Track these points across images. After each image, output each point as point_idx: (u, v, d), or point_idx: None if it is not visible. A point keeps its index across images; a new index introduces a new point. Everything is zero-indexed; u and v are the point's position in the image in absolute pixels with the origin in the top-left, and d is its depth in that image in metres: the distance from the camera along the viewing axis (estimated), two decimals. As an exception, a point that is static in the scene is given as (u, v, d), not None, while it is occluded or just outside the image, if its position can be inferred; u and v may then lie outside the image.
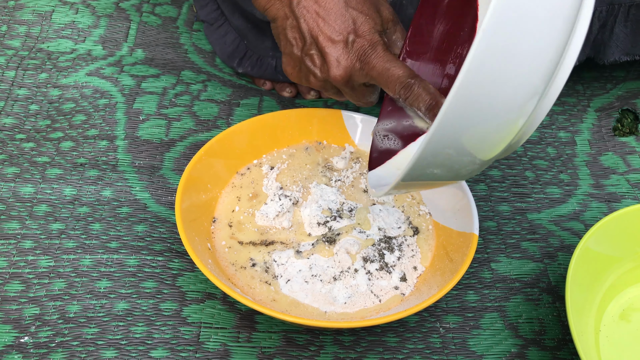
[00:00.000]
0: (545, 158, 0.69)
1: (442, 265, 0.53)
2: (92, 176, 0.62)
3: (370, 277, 0.53)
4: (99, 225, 0.58)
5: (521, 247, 0.60)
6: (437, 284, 0.50)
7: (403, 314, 0.47)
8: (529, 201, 0.65)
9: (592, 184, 0.67)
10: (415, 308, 0.47)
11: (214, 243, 0.54)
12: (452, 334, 0.54)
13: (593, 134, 0.72)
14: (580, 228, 0.62)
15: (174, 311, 0.52)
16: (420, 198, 0.60)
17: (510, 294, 0.57)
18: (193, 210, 0.54)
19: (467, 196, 0.56)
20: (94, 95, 0.70)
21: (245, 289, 0.52)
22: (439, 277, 0.52)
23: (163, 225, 0.58)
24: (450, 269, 0.51)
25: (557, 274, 0.58)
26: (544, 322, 0.55)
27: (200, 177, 0.56)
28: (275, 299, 0.51)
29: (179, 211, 0.51)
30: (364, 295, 0.52)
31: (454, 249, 0.53)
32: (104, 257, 0.55)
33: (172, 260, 0.56)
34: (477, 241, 0.52)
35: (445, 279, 0.50)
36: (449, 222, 0.56)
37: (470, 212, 0.54)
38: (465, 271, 0.50)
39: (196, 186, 0.55)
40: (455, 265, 0.51)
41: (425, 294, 0.51)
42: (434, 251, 0.56)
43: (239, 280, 0.52)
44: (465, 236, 0.53)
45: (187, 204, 0.53)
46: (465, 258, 0.50)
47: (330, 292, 0.52)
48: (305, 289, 0.52)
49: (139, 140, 0.66)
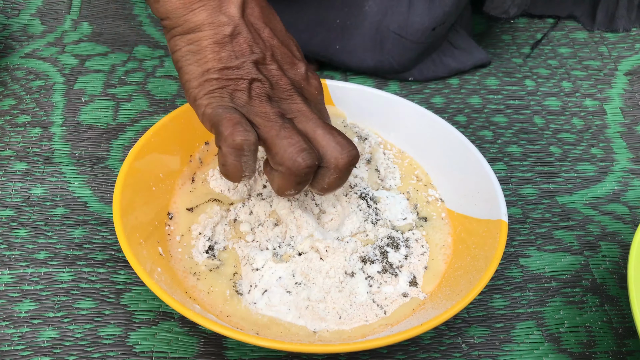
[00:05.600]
0: (572, 131, 0.58)
1: (462, 263, 0.42)
2: (19, 171, 0.49)
3: (371, 282, 0.41)
4: (24, 231, 0.45)
5: (554, 237, 0.49)
6: (459, 289, 0.39)
7: (415, 330, 0.35)
8: (558, 182, 0.53)
9: (631, 158, 0.55)
10: (431, 322, 0.36)
11: (167, 247, 0.42)
12: (479, 351, 0.42)
13: (625, 101, 0.61)
14: (624, 211, 0.51)
15: (117, 338, 0.40)
16: (428, 179, 0.48)
17: (546, 297, 0.45)
18: (138, 208, 0.42)
19: (488, 175, 0.44)
20: (27, 77, 0.58)
21: (209, 304, 0.40)
22: (460, 280, 0.40)
23: (107, 228, 0.46)
24: (474, 267, 0.40)
25: (602, 268, 0.47)
26: (592, 330, 0.43)
27: (149, 166, 0.44)
28: (249, 316, 0.39)
29: (117, 211, 0.39)
30: (364, 307, 0.40)
31: (476, 242, 0.42)
32: (27, 272, 0.43)
33: (117, 272, 0.44)
34: (507, 230, 0.40)
35: (468, 281, 0.39)
36: (467, 209, 0.45)
37: (494, 193, 0.43)
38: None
39: (143, 177, 0.43)
40: (479, 262, 0.40)
41: (442, 302, 0.39)
42: (450, 246, 0.44)
43: (201, 293, 0.40)
44: (491, 225, 0.41)
45: (130, 201, 0.41)
46: (494, 252, 0.39)
47: (320, 305, 0.40)
48: (287, 301, 0.40)
49: (80, 126, 0.54)
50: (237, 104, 0.37)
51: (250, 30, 0.38)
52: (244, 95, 0.37)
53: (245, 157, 0.36)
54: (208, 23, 0.37)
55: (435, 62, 0.60)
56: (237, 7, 0.38)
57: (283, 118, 0.37)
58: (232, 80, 0.37)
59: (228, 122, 0.35)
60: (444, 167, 0.48)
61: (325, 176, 0.38)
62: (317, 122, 0.38)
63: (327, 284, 0.41)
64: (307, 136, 0.38)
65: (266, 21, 0.39)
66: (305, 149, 0.36)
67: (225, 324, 0.37)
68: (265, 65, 0.38)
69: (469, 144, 0.47)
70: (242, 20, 0.38)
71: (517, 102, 0.60)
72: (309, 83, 0.40)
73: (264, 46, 0.39)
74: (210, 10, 0.38)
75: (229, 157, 0.36)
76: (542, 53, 0.65)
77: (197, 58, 0.38)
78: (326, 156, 0.37)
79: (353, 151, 0.38)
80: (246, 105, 0.37)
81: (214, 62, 0.37)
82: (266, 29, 0.39)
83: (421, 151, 0.49)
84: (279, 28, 0.40)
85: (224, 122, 0.36)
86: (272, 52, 0.39)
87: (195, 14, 0.38)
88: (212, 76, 0.37)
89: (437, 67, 0.60)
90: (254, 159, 0.37)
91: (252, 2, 0.39)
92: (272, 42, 0.39)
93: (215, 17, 0.38)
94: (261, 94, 0.37)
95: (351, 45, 0.58)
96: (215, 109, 0.36)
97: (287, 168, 0.36)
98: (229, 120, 0.36)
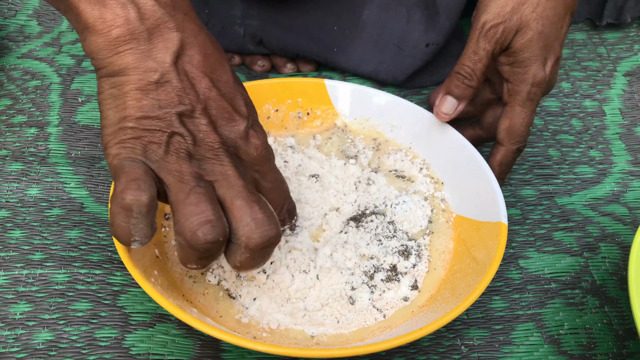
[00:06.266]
0: (570, 132, 0.58)
1: (462, 266, 0.41)
2: (15, 171, 0.49)
3: (374, 290, 0.41)
4: (19, 232, 0.45)
5: (553, 238, 0.49)
6: (458, 292, 0.39)
7: (414, 335, 0.35)
8: (557, 183, 0.53)
9: (630, 160, 0.55)
10: (430, 327, 0.35)
11: (164, 249, 0.42)
12: (478, 353, 0.42)
13: (624, 102, 0.60)
14: (623, 212, 0.51)
15: (114, 340, 0.40)
16: (438, 177, 0.48)
17: (546, 298, 0.45)
18: None
19: (488, 176, 0.44)
20: (24, 77, 0.57)
21: (205, 307, 0.39)
22: (460, 283, 0.40)
23: (103, 229, 0.46)
24: (474, 270, 0.40)
25: (601, 270, 0.47)
26: (592, 332, 0.43)
27: None
28: (245, 319, 0.39)
29: None
30: (364, 311, 0.40)
31: (476, 244, 0.42)
32: (23, 273, 0.43)
33: (113, 274, 0.43)
34: (506, 232, 0.40)
35: (467, 284, 0.38)
36: (466, 211, 0.44)
37: (494, 195, 0.42)
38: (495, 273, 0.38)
39: None
40: (479, 265, 0.40)
41: (442, 305, 0.39)
42: (451, 251, 0.44)
43: (197, 296, 0.40)
44: (490, 227, 0.41)
45: None
46: (493, 255, 0.39)
47: (317, 312, 0.40)
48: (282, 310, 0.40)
49: (77, 126, 0.53)
50: (149, 157, 0.33)
51: (182, 79, 0.34)
52: (159, 149, 0.33)
53: (134, 220, 0.32)
54: (133, 67, 0.34)
55: (431, 72, 0.59)
56: (169, 54, 0.34)
57: (199, 180, 0.33)
58: (149, 132, 0.33)
59: (124, 177, 0.32)
60: (445, 167, 0.48)
61: (236, 253, 0.34)
62: (239, 190, 0.34)
63: (325, 295, 0.40)
64: (224, 205, 0.34)
65: (207, 71, 0.35)
66: (211, 221, 0.32)
67: (223, 327, 0.37)
68: (193, 119, 0.34)
69: (469, 145, 0.46)
70: (173, 67, 0.34)
71: (516, 103, 0.59)
72: (248, 142, 0.36)
73: (196, 98, 0.34)
74: (138, 55, 0.34)
75: (117, 216, 0.32)
76: (540, 54, 0.65)
77: (117, 103, 0.34)
78: (237, 232, 0.33)
79: (270, 232, 0.33)
80: (160, 161, 0.33)
81: (133, 110, 0.33)
82: (204, 80, 0.35)
83: (428, 152, 0.49)
84: (224, 79, 0.36)
85: (122, 176, 0.32)
86: (206, 105, 0.35)
87: (120, 57, 0.34)
88: (128, 124, 0.33)
89: (432, 76, 0.59)
90: (145, 222, 0.32)
91: (193, 50, 0.35)
92: (209, 94, 0.35)
93: (142, 62, 0.34)
94: (180, 149, 0.33)
95: (349, 52, 0.58)
96: (122, 160, 0.33)
97: (185, 240, 0.32)
98: (126, 175, 0.32)
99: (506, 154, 0.46)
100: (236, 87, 0.37)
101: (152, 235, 0.33)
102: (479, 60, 0.44)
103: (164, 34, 0.34)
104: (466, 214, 0.44)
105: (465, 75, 0.44)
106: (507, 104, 0.46)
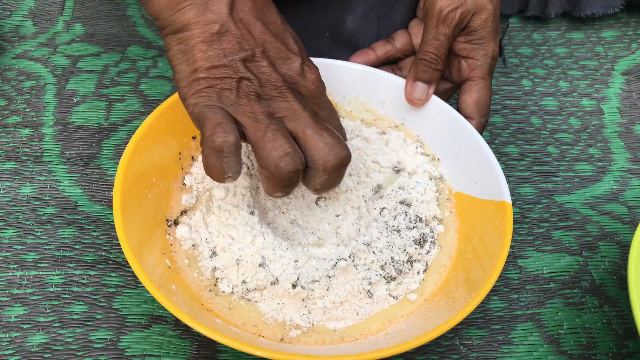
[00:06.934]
0: (569, 130, 0.57)
1: (471, 247, 0.41)
2: (8, 170, 0.48)
3: (390, 280, 0.41)
4: (12, 231, 0.45)
5: (553, 237, 0.48)
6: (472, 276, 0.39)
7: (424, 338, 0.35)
8: (556, 181, 0.53)
9: (629, 158, 0.55)
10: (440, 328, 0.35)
11: (173, 258, 0.41)
12: (477, 353, 0.41)
13: (622, 101, 0.60)
14: (622, 211, 0.50)
15: (109, 342, 0.39)
16: (433, 154, 0.47)
17: (545, 298, 0.44)
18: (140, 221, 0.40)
19: (485, 152, 0.43)
20: (18, 78, 0.57)
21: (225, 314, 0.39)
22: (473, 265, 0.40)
23: (97, 227, 0.46)
24: (485, 253, 0.39)
25: (600, 269, 0.46)
26: (591, 332, 0.43)
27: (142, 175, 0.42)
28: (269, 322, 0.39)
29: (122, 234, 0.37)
30: (382, 301, 0.40)
31: (481, 222, 0.41)
32: (17, 275, 0.42)
33: (109, 275, 0.43)
34: (512, 212, 0.40)
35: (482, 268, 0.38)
36: (467, 187, 0.44)
37: (494, 172, 0.42)
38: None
39: (140, 186, 0.41)
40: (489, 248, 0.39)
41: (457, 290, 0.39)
42: (457, 228, 0.43)
43: (217, 305, 0.39)
44: (494, 207, 0.41)
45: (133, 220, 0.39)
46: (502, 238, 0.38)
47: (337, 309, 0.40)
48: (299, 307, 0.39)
49: (72, 126, 0.53)
50: (224, 103, 0.36)
51: (239, 26, 0.37)
52: (231, 95, 0.36)
53: (225, 159, 0.35)
54: (195, 22, 0.37)
55: None
56: (225, 4, 0.37)
57: (271, 118, 0.36)
58: (220, 79, 0.36)
59: (210, 123, 0.35)
60: (440, 142, 0.47)
61: (315, 177, 0.37)
62: (307, 121, 0.37)
63: (343, 293, 0.40)
64: (296, 136, 0.37)
65: (258, 15, 0.38)
66: (289, 153, 0.35)
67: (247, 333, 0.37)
68: (255, 62, 0.37)
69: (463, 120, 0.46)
70: (230, 17, 0.37)
71: (514, 102, 0.59)
72: (305, 78, 0.39)
73: (254, 43, 0.37)
74: (197, 9, 0.37)
75: (210, 158, 0.35)
76: (538, 53, 0.64)
77: (186, 57, 0.37)
78: (314, 157, 0.37)
79: (342, 152, 0.37)
80: (234, 105, 0.36)
81: (201, 61, 0.36)
82: (258, 24, 0.38)
83: (420, 127, 0.48)
84: (273, 21, 0.39)
85: (207, 122, 0.35)
86: (263, 48, 0.38)
87: (182, 14, 0.37)
88: (200, 75, 0.36)
89: None
90: (235, 160, 0.36)
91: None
92: (264, 37, 0.38)
93: (202, 16, 0.37)
94: (249, 92, 0.36)
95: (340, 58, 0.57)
96: (202, 108, 0.36)
97: (270, 172, 0.36)
98: (210, 121, 0.35)
99: (478, 127, 0.47)
100: (285, 27, 0.40)
101: (240, 171, 0.37)
102: (441, 44, 0.45)
103: None
104: (467, 191, 0.44)
105: (430, 61, 0.46)
106: (469, 79, 0.47)
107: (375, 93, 0.49)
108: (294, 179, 0.36)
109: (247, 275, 0.40)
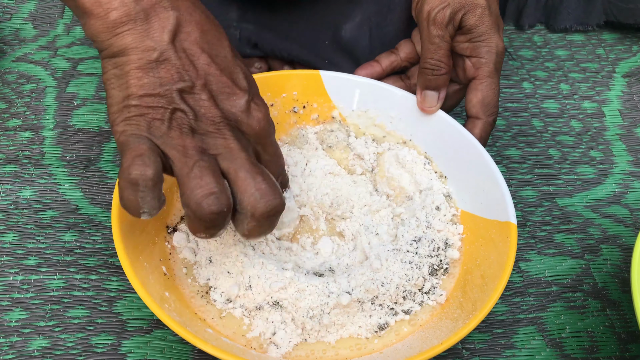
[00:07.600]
0: (570, 133, 0.57)
1: (472, 267, 0.41)
2: (8, 173, 0.48)
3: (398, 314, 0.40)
4: (13, 235, 0.44)
5: (554, 240, 0.48)
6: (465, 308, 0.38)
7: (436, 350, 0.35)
8: (558, 184, 0.53)
9: (630, 160, 0.55)
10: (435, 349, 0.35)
11: (170, 265, 0.41)
12: (480, 357, 0.41)
13: (624, 103, 0.60)
14: (624, 213, 0.50)
15: (110, 346, 0.39)
16: (441, 171, 0.47)
17: (547, 302, 0.44)
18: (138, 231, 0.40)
19: (493, 171, 0.43)
20: (18, 81, 0.57)
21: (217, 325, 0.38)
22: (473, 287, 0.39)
23: (98, 231, 0.45)
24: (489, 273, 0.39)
25: (603, 272, 0.46)
26: (594, 335, 0.43)
27: None
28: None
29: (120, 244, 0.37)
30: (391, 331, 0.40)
31: (485, 243, 0.41)
32: (17, 279, 0.42)
33: (109, 279, 0.43)
34: (516, 233, 0.39)
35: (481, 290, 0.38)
36: (473, 207, 0.44)
37: (500, 192, 0.41)
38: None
39: None
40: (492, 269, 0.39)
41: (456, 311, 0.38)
42: (461, 248, 0.43)
43: (210, 314, 0.39)
44: (499, 227, 0.40)
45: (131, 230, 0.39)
46: (505, 259, 0.38)
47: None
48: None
49: (72, 129, 0.53)
50: (153, 134, 0.34)
51: (180, 56, 0.35)
52: (162, 125, 0.34)
53: (141, 193, 0.33)
54: (133, 47, 0.35)
55: None
56: (167, 32, 0.35)
57: (202, 154, 0.34)
58: (152, 109, 0.34)
59: (130, 153, 0.33)
60: (447, 160, 0.47)
61: (243, 222, 0.35)
62: (242, 162, 0.35)
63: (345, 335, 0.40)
64: (228, 177, 0.35)
65: (205, 47, 0.36)
66: (214, 193, 0.33)
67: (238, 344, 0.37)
68: (193, 94, 0.35)
69: (472, 138, 0.45)
70: (171, 46, 0.35)
71: (515, 105, 0.59)
72: (250, 116, 0.36)
73: (196, 74, 0.35)
74: (136, 35, 0.35)
75: (125, 191, 0.33)
76: (539, 55, 0.64)
77: (120, 82, 0.35)
78: (243, 202, 0.34)
79: (274, 201, 0.35)
80: (163, 136, 0.34)
81: (135, 88, 0.34)
82: (203, 55, 0.36)
83: (428, 143, 0.48)
84: (223, 54, 0.37)
85: (127, 152, 0.33)
86: (206, 80, 0.36)
87: (119, 38, 0.35)
88: (131, 102, 0.34)
89: None
90: (153, 195, 0.33)
91: (190, 27, 0.36)
92: (208, 69, 0.36)
93: (140, 42, 0.35)
94: (182, 125, 0.34)
95: (341, 65, 0.57)
96: (128, 137, 0.34)
97: (192, 211, 0.33)
98: (131, 151, 0.33)
99: (485, 127, 0.46)
100: (235, 62, 0.37)
101: (159, 207, 0.34)
102: (438, 47, 0.45)
103: (159, 13, 0.35)
104: (472, 210, 0.44)
105: (432, 68, 0.45)
106: (475, 78, 0.46)
107: (384, 109, 0.49)
108: (218, 221, 0.34)
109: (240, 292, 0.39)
